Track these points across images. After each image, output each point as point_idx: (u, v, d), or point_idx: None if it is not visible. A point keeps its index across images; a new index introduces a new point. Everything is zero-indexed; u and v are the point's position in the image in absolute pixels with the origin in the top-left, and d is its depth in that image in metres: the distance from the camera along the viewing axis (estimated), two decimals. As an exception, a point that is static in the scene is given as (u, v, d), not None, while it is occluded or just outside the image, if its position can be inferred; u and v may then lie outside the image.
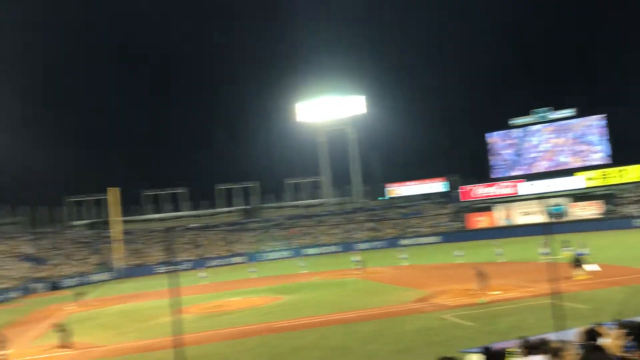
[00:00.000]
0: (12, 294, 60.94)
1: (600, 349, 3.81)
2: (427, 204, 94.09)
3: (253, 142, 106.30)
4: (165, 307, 34.72)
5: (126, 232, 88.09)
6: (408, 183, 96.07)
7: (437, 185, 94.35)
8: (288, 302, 34.00)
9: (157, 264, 79.55)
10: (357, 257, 52.09)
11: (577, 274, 31.03)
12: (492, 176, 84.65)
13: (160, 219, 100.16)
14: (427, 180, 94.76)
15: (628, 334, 7.44)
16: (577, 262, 31.90)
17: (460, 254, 48.81)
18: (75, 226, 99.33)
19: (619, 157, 74.80)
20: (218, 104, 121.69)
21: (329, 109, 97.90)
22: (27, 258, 77.73)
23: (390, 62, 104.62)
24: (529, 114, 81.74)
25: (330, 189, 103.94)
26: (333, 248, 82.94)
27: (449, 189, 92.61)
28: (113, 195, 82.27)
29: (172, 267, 53.95)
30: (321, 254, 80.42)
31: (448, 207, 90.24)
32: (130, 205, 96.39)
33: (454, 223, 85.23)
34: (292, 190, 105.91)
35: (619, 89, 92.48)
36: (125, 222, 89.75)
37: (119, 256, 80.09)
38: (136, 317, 34.51)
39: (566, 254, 35.28)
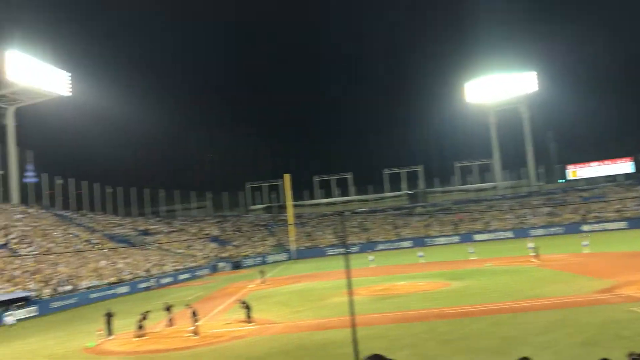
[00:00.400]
0: (200, 272, 67.36)
1: None
2: (612, 187, 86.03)
3: (420, 125, 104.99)
4: (337, 288, 36.11)
5: (298, 216, 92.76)
6: (590, 164, 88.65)
7: (624, 166, 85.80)
8: (457, 289, 33.32)
9: (328, 246, 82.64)
10: (532, 244, 49.32)
11: None
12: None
13: (329, 203, 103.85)
14: (612, 161, 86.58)
15: None
16: None
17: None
18: (253, 210, 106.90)
19: None
20: (384, 89, 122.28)
21: (499, 87, 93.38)
22: (214, 239, 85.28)
23: (563, 33, 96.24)
24: None
25: (502, 171, 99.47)
26: (505, 234, 79.41)
27: (635, 170, 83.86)
28: (287, 181, 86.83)
29: (344, 249, 55.55)
30: (492, 239, 77.49)
31: (637, 189, 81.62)
32: (302, 190, 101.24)
33: (644, 207, 76.84)
34: (460, 173, 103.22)
35: None
36: (297, 206, 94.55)
37: (293, 238, 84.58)
38: (310, 296, 36.21)
39: None
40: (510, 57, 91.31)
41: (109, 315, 27.38)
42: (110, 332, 26.94)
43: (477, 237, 78.06)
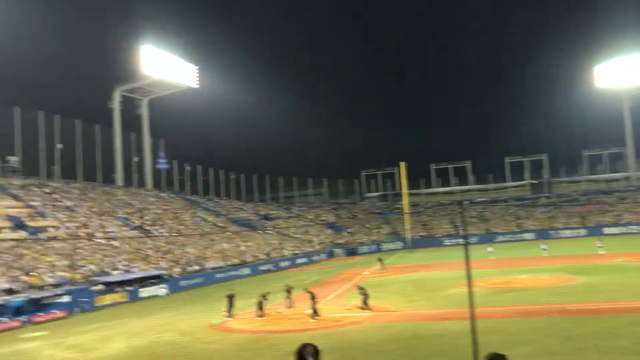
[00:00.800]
0: (317, 257, 69.02)
1: None
2: None
3: (544, 111, 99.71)
4: (454, 279, 35.47)
5: (414, 204, 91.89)
6: None
7: None
8: (583, 284, 31.45)
9: (445, 236, 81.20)
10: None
11: None
12: None
13: (446, 192, 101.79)
14: None
15: None
16: None
17: None
18: (369, 197, 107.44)
19: None
20: (506, 74, 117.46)
21: (633, 70, 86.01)
22: (330, 225, 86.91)
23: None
24: None
25: (636, 161, 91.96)
26: (639, 228, 73.51)
27: None
28: (403, 169, 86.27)
29: (462, 240, 54.37)
30: (623, 234, 72.08)
31: None
32: (418, 179, 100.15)
33: None
34: (588, 162, 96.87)
35: None
36: (413, 194, 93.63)
37: (408, 227, 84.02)
38: (426, 286, 35.91)
39: None
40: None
41: (231, 297, 28.88)
42: (231, 313, 28.40)
43: (607, 230, 72.98)
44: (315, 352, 5.10)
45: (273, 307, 29.14)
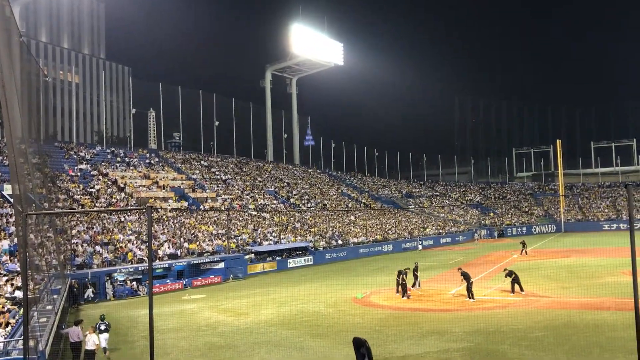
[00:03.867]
0: (461, 237, 67.34)
1: None
2: None
3: None
4: (614, 266, 32.77)
5: (570, 186, 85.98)
6: None
7: None
8: None
9: (604, 221, 75.17)
10: None
11: None
12: None
13: (607, 172, 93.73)
14: None
15: None
16: None
17: None
18: (519, 177, 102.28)
19: None
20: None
21: None
22: (476, 205, 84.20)
23: None
24: None
25: None
26: None
27: None
28: (559, 148, 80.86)
29: (626, 224, 49.97)
30: None
31: None
32: (575, 158, 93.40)
33: None
34: None
35: None
36: (569, 175, 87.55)
37: (563, 209, 78.89)
38: (581, 272, 33.56)
39: None
40: None
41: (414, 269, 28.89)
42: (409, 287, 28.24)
43: None
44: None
45: (411, 286, 28.91)
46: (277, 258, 43.36)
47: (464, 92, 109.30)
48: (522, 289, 26.16)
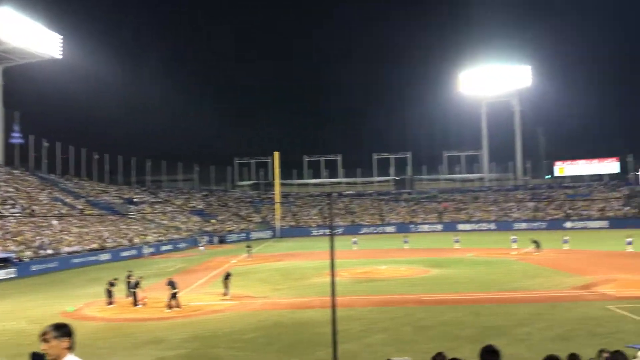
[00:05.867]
0: (183, 244, 67.26)
1: None
2: (597, 186, 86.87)
3: (412, 112, 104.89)
4: (319, 268, 36.28)
5: (285, 195, 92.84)
6: (577, 162, 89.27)
7: (610, 166, 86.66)
8: (438, 276, 33.62)
9: (313, 227, 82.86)
10: (515, 237, 50.28)
11: None
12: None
13: (317, 184, 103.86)
14: (600, 160, 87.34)
15: None
16: None
17: (630, 241, 44.71)
18: (240, 186, 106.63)
19: None
20: (380, 73, 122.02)
21: (492, 79, 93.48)
22: (198, 212, 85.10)
23: (560, 29, 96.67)
24: None
25: (489, 164, 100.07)
26: (488, 225, 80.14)
27: (620, 171, 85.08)
28: (276, 159, 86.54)
29: (329, 230, 55.57)
30: (475, 230, 78.13)
31: (621, 190, 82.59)
32: (291, 169, 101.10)
33: (626, 208, 77.75)
34: (449, 163, 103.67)
35: None
36: (285, 184, 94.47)
37: (279, 216, 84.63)
38: (292, 275, 36.35)
39: None
40: (506, 50, 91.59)
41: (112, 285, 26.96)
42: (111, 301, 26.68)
43: (461, 227, 78.62)
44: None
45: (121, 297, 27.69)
46: (-30, 271, 37.50)
47: (192, 98, 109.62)
48: (229, 294, 27.08)
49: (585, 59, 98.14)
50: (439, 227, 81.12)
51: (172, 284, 25.12)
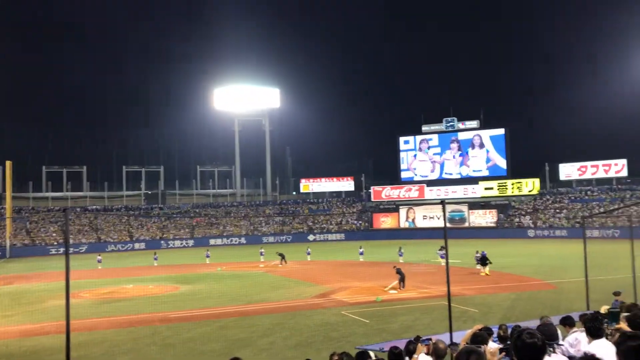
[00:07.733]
0: None
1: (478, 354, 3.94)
2: (337, 202, 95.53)
3: (166, 125, 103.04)
4: (58, 290, 32.92)
5: (18, 209, 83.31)
6: (320, 180, 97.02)
7: (347, 184, 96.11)
8: (187, 292, 33.30)
9: (52, 245, 75.63)
10: (262, 250, 52.77)
11: (483, 271, 35.86)
12: (401, 179, 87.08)
13: (58, 197, 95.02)
14: (338, 179, 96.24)
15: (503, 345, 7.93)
16: (484, 261, 36.20)
17: (362, 251, 50.61)
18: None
19: (517, 170, 79.67)
20: (132, 83, 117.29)
21: (245, 98, 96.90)
22: None
23: (305, 59, 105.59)
24: (440, 122, 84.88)
25: (241, 179, 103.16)
26: (239, 240, 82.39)
27: (354, 189, 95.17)
28: (8, 169, 77.19)
29: (67, 249, 51.04)
30: (227, 245, 79.65)
31: (355, 206, 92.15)
32: (26, 181, 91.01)
33: (360, 222, 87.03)
34: (202, 178, 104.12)
35: (517, 108, 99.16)
36: (18, 198, 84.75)
37: (10, 234, 75.32)
38: (24, 299, 32.59)
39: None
40: (257, 71, 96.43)
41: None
42: None
43: (212, 241, 79.36)
44: None
45: None
46: None
47: None
48: None
49: (328, 86, 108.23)
50: (191, 242, 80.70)
51: None
